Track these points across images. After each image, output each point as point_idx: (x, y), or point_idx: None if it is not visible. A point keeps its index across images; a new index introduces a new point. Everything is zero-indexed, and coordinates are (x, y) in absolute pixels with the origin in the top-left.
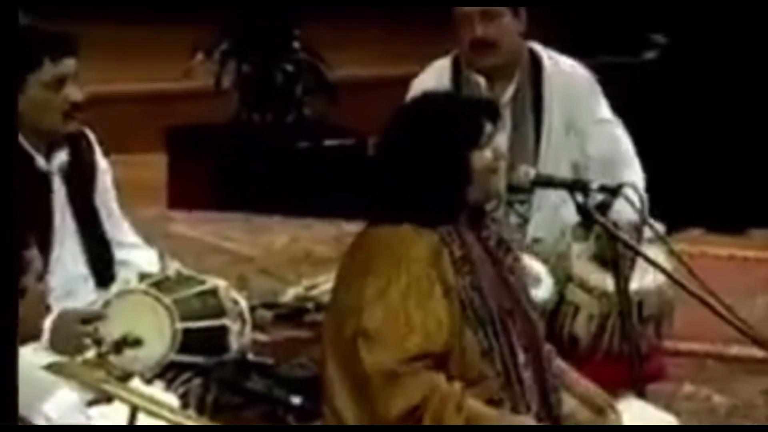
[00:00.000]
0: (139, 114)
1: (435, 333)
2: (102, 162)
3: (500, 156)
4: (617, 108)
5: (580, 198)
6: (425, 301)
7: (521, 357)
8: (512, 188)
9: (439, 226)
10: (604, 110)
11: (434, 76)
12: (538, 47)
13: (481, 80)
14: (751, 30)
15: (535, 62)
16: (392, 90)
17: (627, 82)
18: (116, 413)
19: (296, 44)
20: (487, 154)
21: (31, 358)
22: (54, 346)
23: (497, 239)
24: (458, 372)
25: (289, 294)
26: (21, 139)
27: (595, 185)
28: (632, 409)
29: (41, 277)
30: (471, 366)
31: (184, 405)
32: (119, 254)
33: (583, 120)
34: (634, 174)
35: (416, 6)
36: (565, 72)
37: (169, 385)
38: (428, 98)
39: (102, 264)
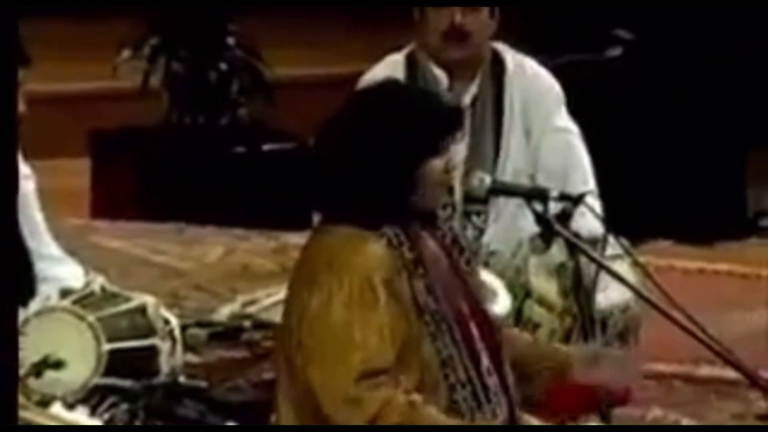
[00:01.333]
0: (61, 116)
1: (378, 348)
2: (24, 168)
3: (452, 167)
4: (581, 109)
5: (538, 207)
6: (368, 314)
7: (485, 362)
8: (469, 198)
9: (387, 228)
10: (562, 119)
11: (387, 73)
12: (501, 48)
13: (443, 77)
14: (724, 24)
15: (498, 64)
16: (336, 90)
17: (591, 80)
18: None
19: (231, 40)
20: (439, 164)
21: None
22: None
23: (451, 238)
24: (416, 383)
25: (224, 311)
26: None
27: (554, 193)
28: None
29: None
30: (430, 376)
31: None
32: (41, 269)
33: (538, 127)
34: (587, 187)
35: (367, 2)
36: (527, 76)
37: (93, 411)
38: (390, 92)
39: (22, 280)
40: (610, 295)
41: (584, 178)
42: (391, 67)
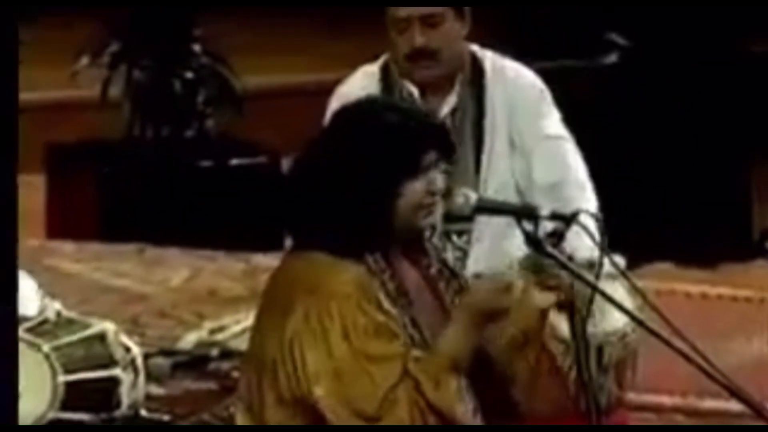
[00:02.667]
0: None
1: (395, 358)
2: None
3: (435, 191)
4: (572, 119)
5: (528, 226)
6: (370, 342)
7: (469, 404)
8: (450, 217)
9: (367, 255)
10: (553, 125)
11: (361, 86)
12: (480, 51)
13: (414, 90)
14: (726, 27)
15: (477, 70)
16: (311, 100)
17: (584, 88)
18: None
19: (197, 47)
20: (420, 186)
21: None
22: None
23: (438, 266)
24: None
25: (190, 339)
26: None
27: (545, 212)
28: None
29: None
30: None
31: None
32: None
33: (527, 136)
34: (585, 201)
35: (345, 4)
36: (509, 80)
37: None
38: (368, 110)
39: None
40: (606, 321)
41: (581, 192)
42: (366, 79)
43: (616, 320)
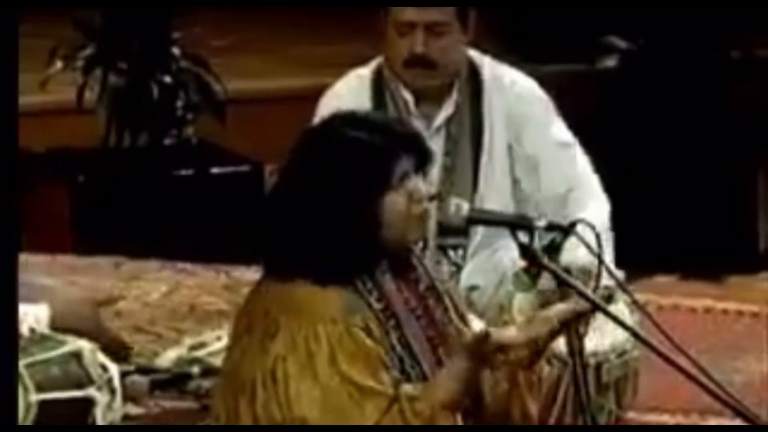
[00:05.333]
0: None
1: (380, 380)
2: None
3: (420, 198)
4: (577, 123)
5: (524, 238)
6: (358, 368)
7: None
8: (444, 229)
9: (353, 278)
10: (559, 132)
11: (351, 91)
12: (478, 57)
13: (409, 97)
14: (734, 29)
15: (475, 76)
16: (296, 105)
17: (588, 92)
18: None
19: (176, 50)
20: (400, 198)
21: None
22: None
23: (426, 284)
24: None
25: (169, 356)
26: None
27: (541, 223)
28: None
29: None
30: None
31: None
32: None
33: (531, 145)
34: (599, 207)
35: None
36: (508, 89)
37: None
38: (335, 126)
39: None
40: (605, 337)
41: (598, 198)
42: (356, 83)
43: (615, 336)
